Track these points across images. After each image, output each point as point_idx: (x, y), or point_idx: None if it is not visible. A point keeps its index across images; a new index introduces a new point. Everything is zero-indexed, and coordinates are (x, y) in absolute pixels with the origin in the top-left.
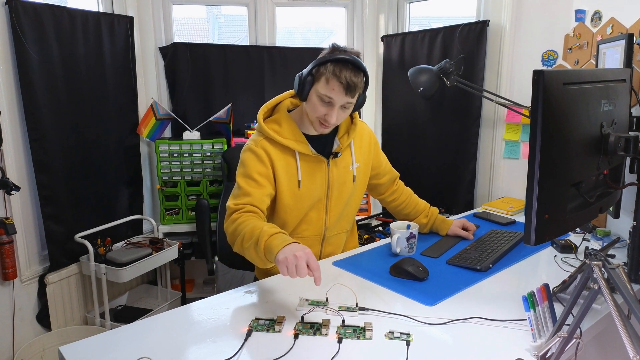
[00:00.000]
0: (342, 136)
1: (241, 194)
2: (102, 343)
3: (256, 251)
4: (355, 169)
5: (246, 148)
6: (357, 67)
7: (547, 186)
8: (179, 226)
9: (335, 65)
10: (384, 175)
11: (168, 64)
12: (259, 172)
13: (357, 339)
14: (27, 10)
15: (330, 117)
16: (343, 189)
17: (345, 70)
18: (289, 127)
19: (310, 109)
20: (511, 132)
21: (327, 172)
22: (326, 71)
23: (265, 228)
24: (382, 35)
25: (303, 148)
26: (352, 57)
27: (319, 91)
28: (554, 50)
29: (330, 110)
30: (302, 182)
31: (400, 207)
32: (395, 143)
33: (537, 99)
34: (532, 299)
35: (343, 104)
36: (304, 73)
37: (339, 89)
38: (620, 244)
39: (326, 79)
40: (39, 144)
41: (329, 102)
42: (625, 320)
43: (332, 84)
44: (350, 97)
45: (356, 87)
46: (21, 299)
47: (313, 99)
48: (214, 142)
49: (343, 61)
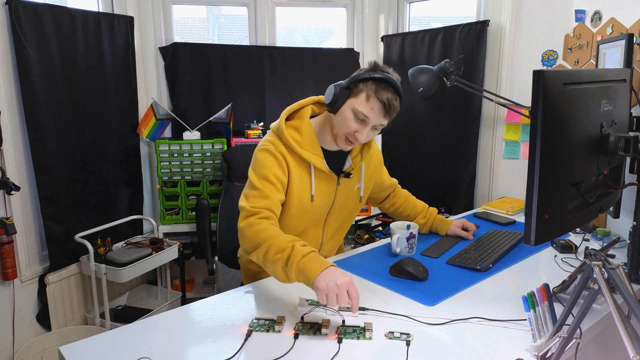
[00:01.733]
0: (355, 156)
1: (258, 195)
2: (102, 343)
3: (285, 269)
4: (361, 189)
5: (263, 148)
6: (396, 90)
7: (547, 186)
8: (179, 226)
9: (378, 84)
10: (385, 190)
11: (168, 64)
12: (276, 176)
13: (357, 339)
14: (27, 10)
15: (360, 135)
16: (344, 207)
17: (386, 91)
18: (309, 137)
19: (340, 123)
20: (511, 132)
21: (335, 189)
22: (366, 88)
23: (297, 246)
24: (382, 35)
25: (319, 162)
26: (394, 79)
27: (356, 107)
28: (554, 50)
29: (362, 128)
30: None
31: (399, 211)
32: (395, 143)
33: (537, 99)
34: (532, 299)
35: (376, 124)
36: (341, 85)
37: (378, 108)
38: (620, 244)
39: (367, 96)
40: (39, 144)
41: (362, 120)
42: (625, 320)
43: (372, 102)
44: (386, 119)
45: (394, 110)
46: (21, 299)
47: (346, 113)
48: (214, 142)
49: (385, 81)
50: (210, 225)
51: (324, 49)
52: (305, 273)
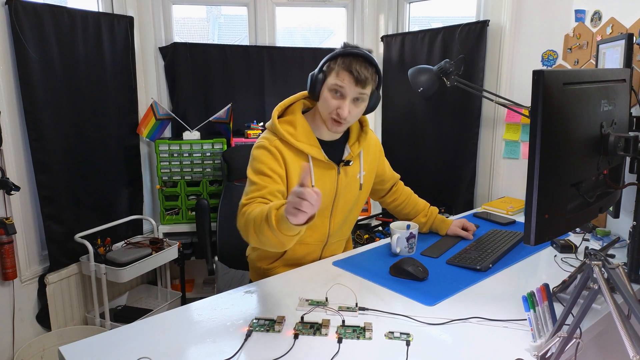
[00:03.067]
0: (352, 144)
1: (254, 190)
2: (102, 343)
3: (270, 229)
4: (362, 177)
5: (259, 145)
6: (367, 60)
7: (547, 186)
8: (179, 226)
9: (345, 57)
10: (387, 181)
11: (168, 64)
12: (272, 169)
13: (357, 339)
14: (27, 10)
15: (342, 110)
16: (349, 196)
17: (355, 63)
18: (303, 130)
19: (322, 105)
20: (511, 132)
21: (336, 179)
22: (336, 65)
23: (272, 204)
24: (382, 35)
25: (316, 153)
26: (362, 51)
27: (330, 83)
28: (553, 50)
29: (342, 103)
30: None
31: (400, 207)
32: (395, 143)
33: (537, 99)
34: (532, 299)
35: (355, 96)
36: (315, 71)
37: (349, 79)
38: (620, 244)
39: (336, 72)
40: (39, 144)
41: (340, 95)
42: (625, 320)
43: (342, 75)
44: (361, 89)
45: (367, 79)
46: (21, 299)
47: (325, 94)
48: (214, 142)
49: (353, 54)
50: (210, 225)
51: (324, 49)
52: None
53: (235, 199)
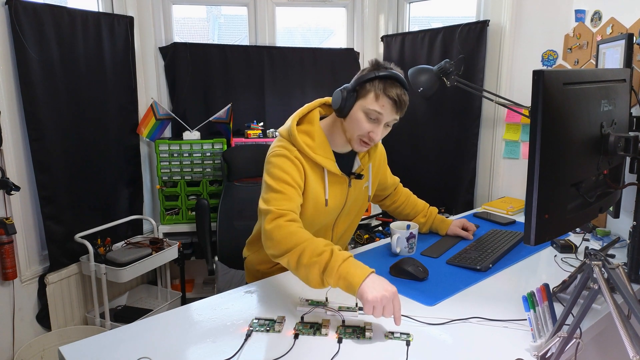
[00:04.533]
0: (362, 156)
1: (281, 198)
2: (102, 343)
3: (322, 274)
4: (370, 188)
5: (279, 153)
6: (403, 85)
7: (547, 186)
8: (179, 226)
9: (385, 82)
10: (388, 188)
11: (168, 64)
12: (295, 180)
13: (357, 339)
14: (27, 10)
15: (375, 135)
16: (354, 207)
17: (395, 88)
18: (321, 142)
19: (352, 126)
20: (511, 132)
21: (347, 191)
22: (374, 88)
23: (336, 250)
24: (382, 35)
25: (332, 166)
26: (399, 74)
27: (367, 107)
28: (554, 50)
29: (376, 128)
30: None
31: (399, 209)
32: (395, 143)
33: (537, 99)
34: (532, 299)
35: (389, 121)
36: (347, 88)
37: (389, 105)
38: (620, 244)
39: (375, 96)
40: (39, 144)
41: (375, 119)
42: (625, 320)
43: (382, 100)
44: (398, 115)
45: (405, 105)
46: (21, 299)
47: (358, 115)
48: (214, 142)
49: (391, 78)
50: (210, 225)
51: (324, 49)
52: (347, 279)
53: (235, 199)
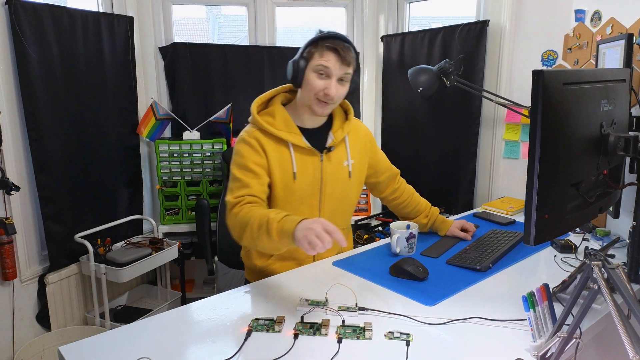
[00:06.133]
0: (336, 130)
1: (239, 186)
2: (102, 343)
3: (269, 239)
4: (350, 165)
5: (239, 139)
6: (346, 41)
7: (547, 186)
8: (179, 226)
9: (326, 39)
10: (382, 173)
11: (168, 64)
12: (255, 162)
13: (357, 339)
14: (27, 10)
15: (330, 90)
16: (336, 184)
17: (335, 42)
18: (282, 118)
19: (307, 89)
20: (511, 132)
21: (320, 166)
22: (316, 48)
23: (272, 215)
24: (382, 35)
25: (296, 140)
26: (339, 34)
27: (315, 65)
28: (553, 50)
29: (328, 84)
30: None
31: (402, 206)
32: (395, 143)
33: (537, 99)
34: (531, 299)
35: (340, 75)
36: (295, 58)
37: (334, 58)
38: (620, 244)
39: (320, 54)
40: (39, 144)
41: (326, 75)
42: (625, 320)
43: (327, 55)
44: (347, 68)
45: (350, 59)
46: (21, 299)
47: (309, 76)
48: (213, 142)
49: (331, 36)
50: (210, 225)
51: None
52: (285, 232)
53: None
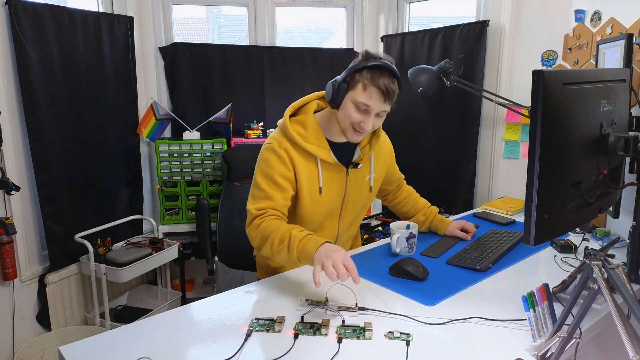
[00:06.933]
0: (363, 146)
1: (263, 197)
2: (102, 343)
3: (289, 256)
4: (372, 180)
5: (268, 147)
6: (393, 73)
7: (547, 186)
8: (179, 226)
9: (373, 72)
10: (394, 182)
11: (168, 64)
12: (281, 174)
13: (357, 338)
14: (27, 10)
15: (366, 125)
16: (358, 198)
17: (382, 77)
18: (314, 131)
19: (344, 116)
20: (511, 132)
21: (345, 180)
22: (362, 78)
23: (294, 233)
24: (382, 35)
25: (325, 155)
26: (388, 63)
27: (356, 98)
28: (553, 50)
29: (366, 118)
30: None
31: (400, 205)
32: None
33: (537, 99)
34: (531, 299)
35: (379, 111)
36: (337, 80)
37: (377, 96)
38: (620, 244)
39: (363, 86)
40: (39, 144)
41: (365, 110)
42: (625, 320)
43: (370, 91)
44: (387, 104)
45: (394, 94)
46: (21, 299)
47: (348, 106)
48: (213, 142)
49: (380, 68)
50: (210, 225)
51: (324, 49)
52: (306, 253)
53: (235, 199)
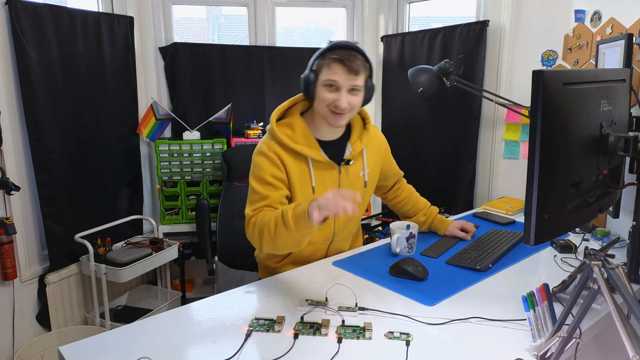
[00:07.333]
0: (354, 142)
1: (258, 199)
2: (102, 343)
3: (288, 232)
4: (366, 175)
5: (258, 151)
6: (356, 50)
7: (547, 186)
8: (179, 226)
9: (332, 51)
10: (391, 177)
11: (168, 64)
12: (274, 175)
13: (357, 339)
14: (27, 10)
15: (340, 102)
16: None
17: (342, 53)
18: (301, 131)
19: (319, 102)
20: (511, 132)
21: (338, 178)
22: (324, 60)
23: (285, 208)
24: (382, 35)
25: (315, 154)
26: (346, 41)
27: (323, 79)
28: (553, 50)
29: (338, 95)
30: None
31: (400, 205)
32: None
33: (537, 99)
34: (531, 299)
35: (349, 87)
36: (306, 72)
37: (341, 70)
38: (620, 244)
39: (327, 66)
40: (39, 144)
41: (335, 87)
42: (624, 320)
43: (333, 67)
44: (355, 78)
45: (358, 68)
46: (21, 299)
47: (319, 90)
48: (213, 142)
49: (338, 46)
50: (210, 225)
51: None
52: (301, 215)
53: (235, 199)
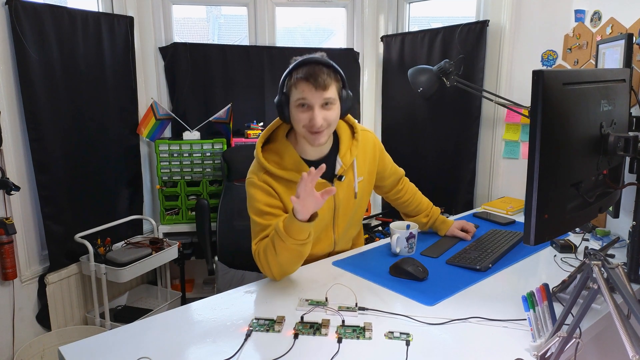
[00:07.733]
0: (344, 155)
1: (259, 230)
2: (102, 343)
3: (284, 244)
4: (356, 186)
5: (249, 182)
6: (319, 63)
7: (547, 186)
8: (179, 226)
9: (296, 70)
10: (388, 177)
11: (168, 64)
12: (269, 204)
13: (357, 338)
14: (27, 10)
15: (315, 120)
16: (349, 205)
17: (308, 69)
18: (289, 157)
19: (295, 123)
20: (511, 132)
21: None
22: (292, 79)
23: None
24: (382, 35)
25: None
26: (309, 56)
27: (294, 100)
28: (553, 51)
29: (311, 114)
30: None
31: (403, 205)
32: (395, 143)
33: (537, 99)
34: (531, 298)
35: (320, 103)
36: (277, 97)
37: (307, 87)
38: (620, 244)
39: (295, 86)
40: (39, 144)
41: (307, 106)
42: (624, 320)
43: (300, 86)
44: (323, 92)
45: (325, 81)
46: (21, 299)
47: (292, 112)
48: (213, 142)
49: (304, 63)
50: (210, 225)
51: (324, 49)
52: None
53: (235, 199)
